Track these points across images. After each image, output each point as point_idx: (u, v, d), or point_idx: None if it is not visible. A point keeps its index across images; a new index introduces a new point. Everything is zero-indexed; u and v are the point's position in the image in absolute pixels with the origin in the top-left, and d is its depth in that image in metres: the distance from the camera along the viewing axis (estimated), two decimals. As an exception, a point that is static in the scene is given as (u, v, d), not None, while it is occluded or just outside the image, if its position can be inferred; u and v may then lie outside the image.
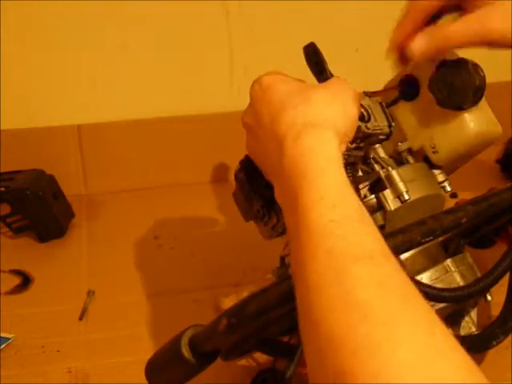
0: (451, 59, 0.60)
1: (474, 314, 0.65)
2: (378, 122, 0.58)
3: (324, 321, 0.37)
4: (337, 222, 0.41)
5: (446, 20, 0.58)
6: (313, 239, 0.41)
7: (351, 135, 0.51)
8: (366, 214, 0.44)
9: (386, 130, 0.59)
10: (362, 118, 0.57)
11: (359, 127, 0.56)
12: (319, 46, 0.64)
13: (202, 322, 0.57)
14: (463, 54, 0.61)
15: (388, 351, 0.34)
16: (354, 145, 0.56)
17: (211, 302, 0.86)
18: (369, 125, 0.57)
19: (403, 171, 0.61)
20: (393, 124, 0.59)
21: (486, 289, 0.58)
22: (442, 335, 0.35)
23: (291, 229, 0.45)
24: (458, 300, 0.57)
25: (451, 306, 0.62)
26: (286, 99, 0.50)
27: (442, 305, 0.59)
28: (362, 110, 0.57)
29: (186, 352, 0.54)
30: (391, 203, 0.60)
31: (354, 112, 0.51)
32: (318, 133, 0.47)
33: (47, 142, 1.10)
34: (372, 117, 0.58)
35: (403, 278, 0.39)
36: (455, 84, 0.59)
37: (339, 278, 0.38)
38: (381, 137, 0.59)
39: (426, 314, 0.37)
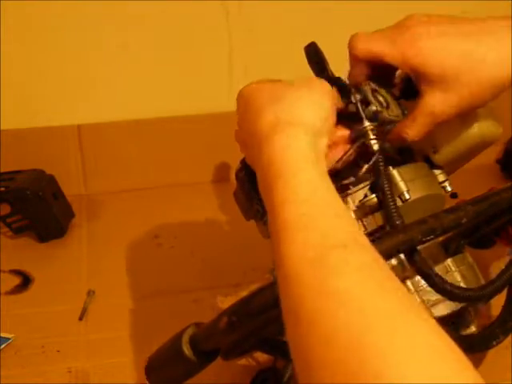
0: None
1: (474, 313, 0.65)
2: (395, 110, 0.58)
3: (303, 311, 0.38)
4: (309, 215, 0.42)
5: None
6: (287, 233, 0.42)
7: (327, 128, 0.52)
8: (342, 207, 0.45)
9: (401, 117, 0.59)
10: (382, 105, 0.57)
11: (382, 113, 0.57)
12: (320, 45, 0.64)
13: (202, 322, 0.57)
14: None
15: (367, 338, 0.34)
16: (374, 132, 0.57)
17: (211, 302, 0.86)
18: (389, 112, 0.57)
19: (404, 170, 0.61)
20: (405, 112, 0.59)
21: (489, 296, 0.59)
22: (422, 320, 0.36)
23: (270, 226, 0.45)
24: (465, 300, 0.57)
25: (451, 306, 0.62)
26: (263, 102, 0.52)
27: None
28: (381, 97, 0.58)
29: (186, 350, 0.54)
30: (392, 203, 0.59)
31: (327, 103, 0.52)
32: (292, 130, 0.48)
33: (47, 142, 1.10)
34: (390, 105, 0.58)
35: (380, 264, 0.40)
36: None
37: (315, 268, 0.39)
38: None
39: (403, 300, 0.37)
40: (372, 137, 0.57)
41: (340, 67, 0.62)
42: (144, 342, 0.79)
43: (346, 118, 0.58)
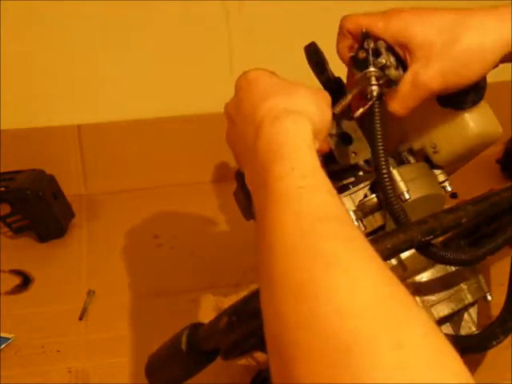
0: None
1: (474, 313, 0.65)
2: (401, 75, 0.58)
3: (288, 273, 0.38)
4: (305, 189, 0.43)
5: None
6: (281, 204, 0.43)
7: (325, 134, 0.52)
8: (333, 188, 0.45)
9: (394, 72, 0.58)
10: (391, 63, 0.57)
11: (389, 69, 0.56)
12: (320, 45, 0.64)
13: (202, 322, 0.57)
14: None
15: (348, 295, 0.35)
16: (377, 79, 0.56)
17: (211, 302, 0.86)
18: (396, 72, 0.57)
19: (404, 170, 0.61)
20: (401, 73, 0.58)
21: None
22: (403, 291, 0.37)
23: (259, 203, 0.46)
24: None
25: (451, 306, 0.62)
26: (269, 89, 0.52)
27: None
28: (392, 58, 0.57)
29: (186, 350, 0.54)
30: (391, 202, 0.59)
31: (328, 113, 0.52)
32: (295, 118, 0.48)
33: (47, 142, 1.10)
34: (399, 69, 0.57)
35: (367, 241, 0.40)
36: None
37: (305, 234, 0.40)
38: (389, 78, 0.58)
39: (387, 271, 0.38)
40: (373, 82, 0.56)
41: (340, 67, 0.62)
42: (144, 342, 0.79)
43: (353, 64, 0.57)
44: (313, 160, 0.46)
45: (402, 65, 0.58)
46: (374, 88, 0.56)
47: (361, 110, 0.56)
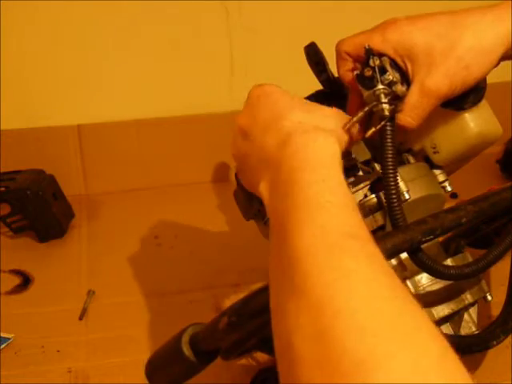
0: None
1: (474, 313, 0.65)
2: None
3: (310, 285, 0.38)
4: (333, 204, 0.43)
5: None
6: (308, 213, 0.42)
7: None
8: (356, 205, 0.45)
9: (400, 88, 0.57)
10: (397, 79, 0.57)
11: (396, 85, 0.56)
12: (320, 45, 0.65)
13: (202, 322, 0.57)
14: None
15: (369, 314, 0.35)
16: (387, 96, 0.56)
17: (210, 302, 0.86)
18: (402, 88, 0.57)
19: (404, 171, 0.61)
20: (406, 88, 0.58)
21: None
22: (419, 309, 0.37)
23: (278, 212, 0.46)
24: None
25: (451, 306, 0.62)
26: (293, 103, 0.52)
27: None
28: (397, 74, 0.57)
29: (186, 350, 0.54)
30: (391, 203, 0.59)
31: (345, 136, 0.53)
32: (325, 135, 0.49)
33: (47, 142, 1.10)
34: (404, 84, 0.57)
35: (385, 260, 0.41)
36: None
37: (329, 248, 0.40)
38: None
39: (406, 290, 0.38)
40: (384, 100, 0.55)
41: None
42: (144, 342, 0.79)
43: (360, 82, 0.57)
44: (341, 177, 0.46)
45: (406, 79, 0.57)
46: (385, 106, 0.55)
47: (372, 130, 0.55)
